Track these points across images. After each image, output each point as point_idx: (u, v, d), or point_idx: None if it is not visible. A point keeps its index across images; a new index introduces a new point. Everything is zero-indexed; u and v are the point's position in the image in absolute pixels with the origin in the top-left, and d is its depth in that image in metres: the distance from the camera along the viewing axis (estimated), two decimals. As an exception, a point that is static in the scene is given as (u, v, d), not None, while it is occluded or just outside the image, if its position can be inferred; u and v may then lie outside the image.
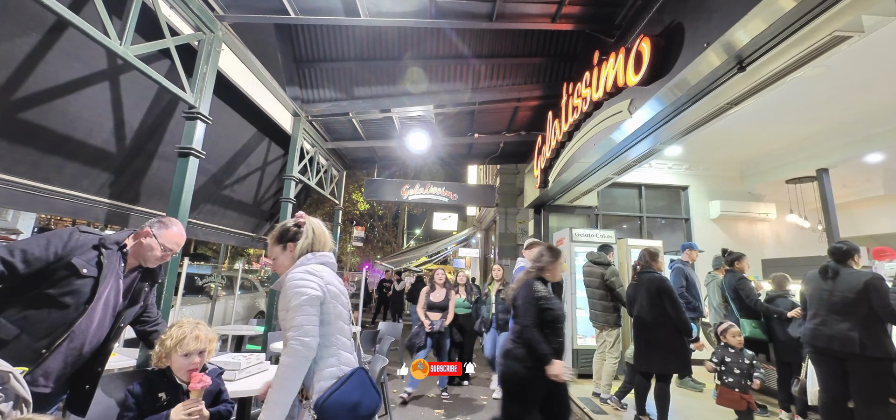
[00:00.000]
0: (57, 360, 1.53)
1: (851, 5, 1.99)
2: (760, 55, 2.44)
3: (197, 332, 1.64)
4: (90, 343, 1.63)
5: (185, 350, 1.61)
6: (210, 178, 4.56)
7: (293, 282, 1.45)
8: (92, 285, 1.57)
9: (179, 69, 2.94)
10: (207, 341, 1.68)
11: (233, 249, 21.34)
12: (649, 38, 2.99)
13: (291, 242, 1.59)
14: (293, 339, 1.35)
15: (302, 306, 1.40)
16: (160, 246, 1.79)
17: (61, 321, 1.51)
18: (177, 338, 1.61)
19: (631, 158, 4.56)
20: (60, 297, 1.50)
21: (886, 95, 4.44)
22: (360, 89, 5.28)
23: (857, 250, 2.95)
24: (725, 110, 3.27)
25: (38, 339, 1.47)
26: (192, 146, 3.04)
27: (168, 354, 1.62)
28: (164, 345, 1.61)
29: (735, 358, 3.16)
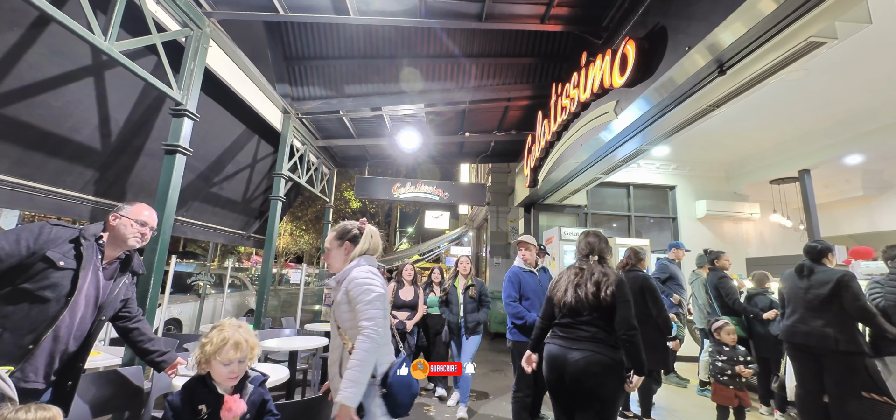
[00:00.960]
0: (43, 356, 1.53)
1: (825, 12, 2.05)
2: (740, 59, 2.50)
3: (237, 337, 1.49)
4: (74, 338, 1.63)
5: (224, 358, 1.47)
6: (198, 176, 4.53)
7: (363, 279, 1.65)
8: (71, 277, 1.57)
9: (166, 66, 2.92)
10: (249, 349, 1.52)
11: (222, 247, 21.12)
12: (634, 40, 3.05)
13: (350, 243, 1.78)
14: (370, 328, 1.57)
15: (374, 301, 1.61)
16: (132, 221, 1.77)
17: (43, 316, 1.51)
18: (216, 344, 1.47)
19: (618, 158, 4.63)
20: (39, 291, 1.50)
21: (863, 98, 4.57)
22: (350, 87, 5.28)
23: (831, 249, 3.05)
24: (708, 112, 3.34)
25: (23, 335, 1.47)
26: (179, 143, 3.02)
27: (208, 360, 1.48)
28: (204, 350, 1.48)
29: (730, 355, 3.19)
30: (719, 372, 3.17)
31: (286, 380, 2.52)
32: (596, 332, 2.01)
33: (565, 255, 5.58)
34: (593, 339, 2.00)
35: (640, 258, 3.62)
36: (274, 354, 4.08)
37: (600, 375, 1.93)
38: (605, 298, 2.01)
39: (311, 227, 21.73)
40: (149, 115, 3.57)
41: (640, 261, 3.61)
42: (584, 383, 1.95)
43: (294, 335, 4.27)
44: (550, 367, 2.11)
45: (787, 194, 7.02)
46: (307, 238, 22.97)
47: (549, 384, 2.15)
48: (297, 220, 21.73)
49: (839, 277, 2.80)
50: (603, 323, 2.02)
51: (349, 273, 1.68)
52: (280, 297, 11.65)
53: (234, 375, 1.48)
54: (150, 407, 2.41)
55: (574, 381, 1.97)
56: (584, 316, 2.05)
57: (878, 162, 6.23)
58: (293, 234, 23.60)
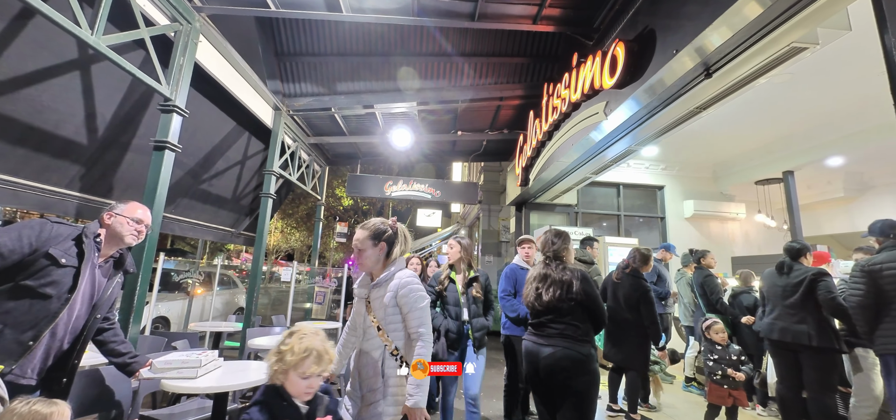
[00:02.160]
0: (40, 353, 1.53)
1: (807, 18, 2.11)
2: (726, 62, 2.56)
3: (319, 348, 1.38)
4: (69, 335, 1.63)
5: (304, 371, 1.34)
6: (187, 173, 4.48)
7: (417, 287, 1.73)
8: (73, 275, 1.58)
9: (155, 61, 2.89)
10: (328, 362, 1.42)
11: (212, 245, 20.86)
12: (624, 43, 3.09)
13: (385, 243, 1.78)
14: (426, 334, 1.67)
15: (426, 309, 1.72)
16: (128, 219, 1.77)
17: (44, 312, 1.51)
18: (298, 354, 1.34)
19: (608, 158, 4.70)
20: (40, 287, 1.50)
21: (844, 102, 4.70)
22: (342, 84, 5.25)
23: (809, 249, 3.15)
24: (696, 114, 3.41)
25: (23, 331, 1.47)
26: (168, 140, 2.99)
27: (285, 371, 1.34)
28: (283, 359, 1.34)
29: (722, 354, 3.19)
30: (711, 371, 3.15)
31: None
32: (564, 329, 2.08)
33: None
34: (562, 335, 2.07)
35: (646, 261, 3.46)
36: (264, 352, 4.06)
37: (570, 370, 2.01)
38: (568, 300, 2.10)
39: (302, 224, 21.57)
40: (137, 111, 3.51)
41: (646, 264, 3.46)
42: (556, 378, 2.04)
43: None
44: (527, 362, 2.22)
45: (771, 195, 7.19)
46: (298, 235, 22.80)
47: (527, 378, 2.24)
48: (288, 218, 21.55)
49: (812, 275, 2.89)
50: (570, 319, 2.09)
51: (401, 278, 1.73)
52: (270, 295, 11.56)
53: (311, 390, 1.37)
54: (137, 405, 2.39)
55: (547, 376, 2.07)
56: (551, 314, 2.12)
57: (858, 164, 6.41)
58: (284, 232, 23.40)
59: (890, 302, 2.46)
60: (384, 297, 1.72)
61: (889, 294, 2.46)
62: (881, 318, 2.50)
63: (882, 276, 2.49)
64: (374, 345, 1.72)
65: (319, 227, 7.40)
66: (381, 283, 1.74)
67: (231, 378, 2.33)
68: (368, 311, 1.76)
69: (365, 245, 1.76)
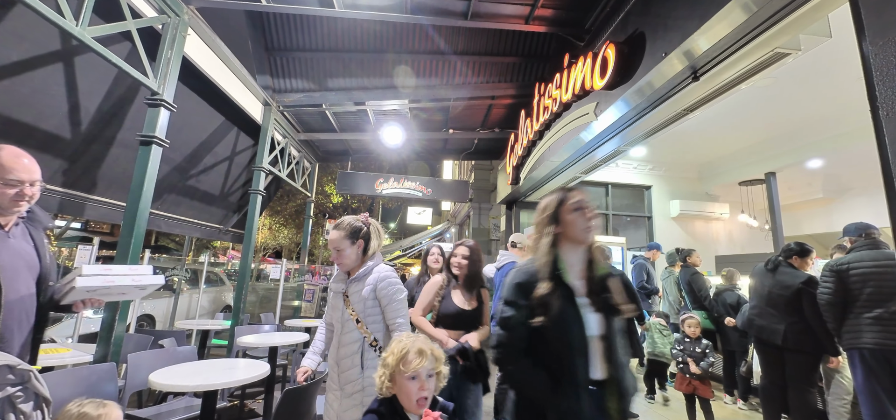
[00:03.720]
0: (17, 346, 1.44)
1: (790, 25, 2.18)
2: (712, 66, 2.62)
3: (419, 345, 1.30)
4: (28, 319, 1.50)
5: (410, 369, 1.26)
6: (174, 168, 4.40)
7: (394, 279, 1.88)
8: None
9: (141, 53, 2.83)
10: (434, 360, 1.31)
11: (198, 241, 20.49)
12: (614, 44, 3.14)
13: (363, 240, 1.87)
14: (404, 324, 1.83)
15: (404, 300, 1.87)
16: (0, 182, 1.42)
17: None
18: (397, 352, 1.28)
19: (598, 158, 4.76)
20: None
21: (824, 107, 4.85)
22: (333, 81, 5.22)
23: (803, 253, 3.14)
24: (683, 116, 3.47)
25: None
26: (155, 134, 2.94)
27: (392, 377, 1.27)
28: (385, 363, 1.29)
29: (688, 346, 3.39)
30: (676, 361, 3.42)
31: (267, 376, 2.50)
32: None
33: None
34: None
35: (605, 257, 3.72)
36: (253, 350, 4.03)
37: None
38: None
39: (291, 221, 21.33)
40: (122, 105, 3.44)
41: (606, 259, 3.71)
42: None
43: (274, 331, 4.23)
44: None
45: (754, 196, 7.38)
46: (286, 233, 22.54)
47: None
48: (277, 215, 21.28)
49: (801, 285, 2.95)
50: None
51: (380, 272, 1.86)
52: (258, 293, 11.41)
53: (423, 392, 1.26)
54: (123, 404, 2.36)
55: None
56: None
57: (837, 166, 6.62)
58: (272, 229, 23.10)
59: (855, 299, 2.58)
60: (363, 290, 1.82)
61: (854, 292, 2.58)
62: (847, 315, 2.62)
63: (849, 275, 2.61)
64: (352, 338, 1.80)
65: (309, 225, 7.34)
66: (360, 278, 1.84)
67: (219, 376, 2.31)
68: (347, 304, 1.84)
69: (343, 245, 1.83)
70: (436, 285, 2.39)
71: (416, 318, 2.31)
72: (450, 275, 2.43)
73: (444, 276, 2.41)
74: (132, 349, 2.95)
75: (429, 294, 2.38)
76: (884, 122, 1.40)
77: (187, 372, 2.33)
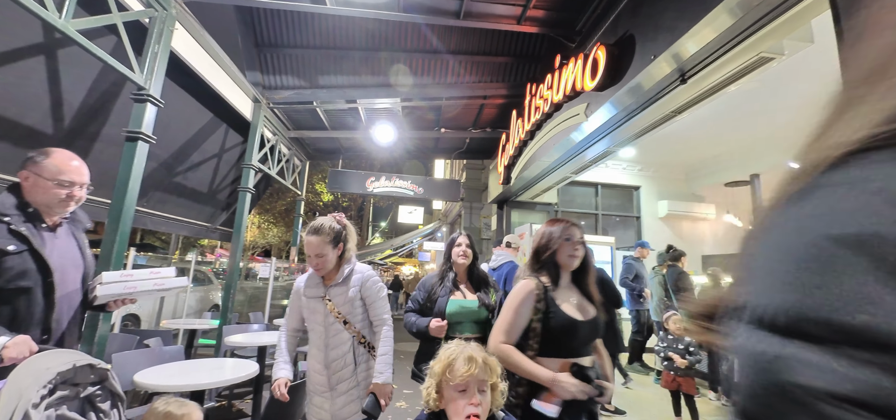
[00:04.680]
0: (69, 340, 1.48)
1: (775, 30, 2.24)
2: (700, 69, 2.68)
3: (467, 352, 1.15)
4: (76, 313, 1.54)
5: (459, 380, 1.10)
6: (160, 165, 4.32)
7: (377, 278, 1.95)
8: (31, 253, 1.40)
9: (127, 47, 2.78)
10: (487, 370, 1.15)
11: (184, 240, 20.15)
12: (605, 46, 3.18)
13: (342, 243, 1.88)
14: (389, 319, 1.90)
15: (386, 298, 1.95)
16: (50, 181, 1.44)
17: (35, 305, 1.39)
18: (444, 360, 1.15)
19: (588, 158, 4.81)
20: (10, 284, 1.35)
21: (806, 111, 4.93)
22: (325, 78, 5.18)
23: None
24: (671, 117, 3.54)
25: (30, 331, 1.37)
26: (142, 130, 2.88)
27: (439, 389, 1.14)
28: (433, 372, 1.17)
29: (671, 344, 3.46)
30: (661, 357, 3.49)
31: (255, 375, 2.48)
32: None
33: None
34: None
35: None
36: (241, 350, 3.99)
37: None
38: None
39: (280, 219, 21.13)
40: (107, 100, 3.37)
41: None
42: None
43: (262, 330, 4.19)
44: None
45: (739, 197, 7.54)
46: (276, 231, 22.31)
47: None
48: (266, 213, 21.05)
49: None
50: None
51: (363, 272, 1.92)
52: (246, 293, 11.28)
53: (475, 408, 1.09)
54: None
55: None
56: None
57: (818, 169, 6.78)
58: (261, 227, 22.84)
59: None
60: (348, 291, 1.85)
61: None
62: None
63: None
64: (341, 339, 1.83)
65: (299, 223, 7.27)
66: (344, 281, 1.87)
67: (207, 376, 2.28)
68: (330, 309, 1.83)
69: (325, 250, 1.80)
70: (526, 295, 1.49)
71: (503, 349, 1.44)
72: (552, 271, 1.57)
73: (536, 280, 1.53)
74: (116, 349, 2.90)
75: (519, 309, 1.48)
76: (862, 126, 1.45)
77: (173, 372, 2.29)
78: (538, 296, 1.47)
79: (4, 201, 1.40)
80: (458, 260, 2.23)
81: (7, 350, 1.22)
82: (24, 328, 1.36)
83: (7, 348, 1.22)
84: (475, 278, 2.26)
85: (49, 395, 1.06)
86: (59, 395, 1.08)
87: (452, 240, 2.29)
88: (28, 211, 1.44)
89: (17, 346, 1.24)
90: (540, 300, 1.47)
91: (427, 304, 2.20)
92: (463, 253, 2.23)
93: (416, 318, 2.15)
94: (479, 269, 2.31)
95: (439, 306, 2.13)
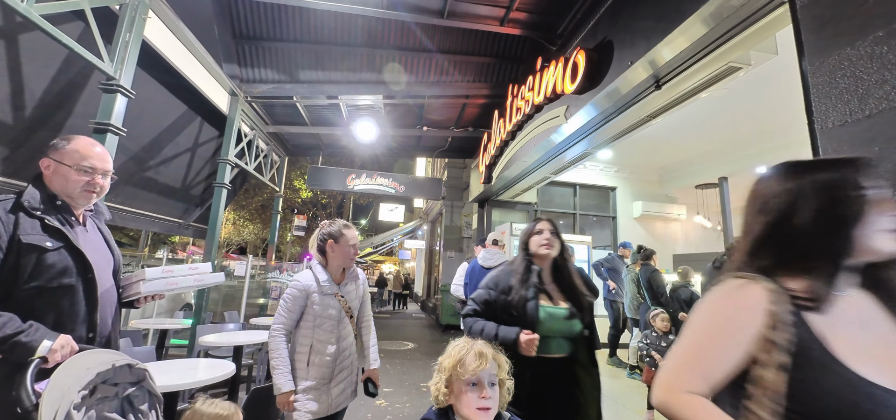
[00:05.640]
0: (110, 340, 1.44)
1: (742, 42, 2.36)
2: (673, 76, 2.80)
3: (477, 347, 1.16)
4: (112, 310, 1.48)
5: (469, 374, 1.10)
6: (130, 158, 4.15)
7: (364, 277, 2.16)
8: (69, 248, 1.33)
9: (96, 35, 2.65)
10: (496, 366, 1.17)
11: (154, 236, 19.37)
12: (585, 51, 3.26)
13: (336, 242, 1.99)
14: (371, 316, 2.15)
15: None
16: (73, 168, 1.37)
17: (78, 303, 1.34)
18: (454, 356, 1.15)
19: (567, 159, 4.93)
20: (52, 282, 1.28)
21: (770, 118, 5.26)
22: (305, 73, 5.08)
23: None
24: (646, 121, 3.67)
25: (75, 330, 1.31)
26: (111, 122, 2.77)
27: (448, 383, 1.14)
28: (442, 368, 1.17)
29: (655, 341, 3.54)
30: (643, 354, 3.57)
31: (231, 376, 2.42)
32: None
33: (515, 250, 5.85)
34: None
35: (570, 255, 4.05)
36: (216, 350, 3.88)
37: None
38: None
39: (256, 216, 20.58)
40: (73, 89, 3.20)
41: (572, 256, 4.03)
42: None
43: (238, 330, 4.09)
44: None
45: (708, 198, 7.88)
46: (251, 228, 21.73)
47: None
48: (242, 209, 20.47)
49: None
50: None
51: (359, 272, 2.10)
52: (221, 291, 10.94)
53: (485, 402, 1.10)
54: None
55: None
56: None
57: (781, 173, 7.17)
58: (236, 224, 22.20)
59: None
60: (359, 289, 2.09)
61: None
62: None
63: None
64: (347, 331, 2.00)
65: (277, 220, 7.12)
66: (351, 278, 2.06)
67: (181, 377, 2.22)
68: (343, 305, 1.99)
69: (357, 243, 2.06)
70: (753, 309, 0.73)
71: (686, 404, 0.71)
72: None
73: (767, 289, 0.74)
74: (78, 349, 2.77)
75: (725, 333, 0.75)
76: (818, 133, 1.55)
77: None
78: (782, 317, 0.70)
79: (33, 195, 1.33)
80: (539, 251, 1.72)
81: (54, 354, 1.19)
82: (69, 328, 1.30)
83: (54, 352, 1.19)
84: (565, 277, 1.75)
85: (90, 396, 1.04)
86: (99, 395, 1.06)
87: (531, 228, 1.79)
88: (57, 204, 1.38)
89: (62, 348, 1.21)
90: (785, 326, 0.70)
91: (499, 307, 1.68)
92: (546, 241, 1.71)
93: (489, 326, 1.62)
94: (571, 264, 1.80)
95: (529, 312, 1.60)
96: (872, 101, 1.37)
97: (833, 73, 1.50)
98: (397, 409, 3.92)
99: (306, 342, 1.92)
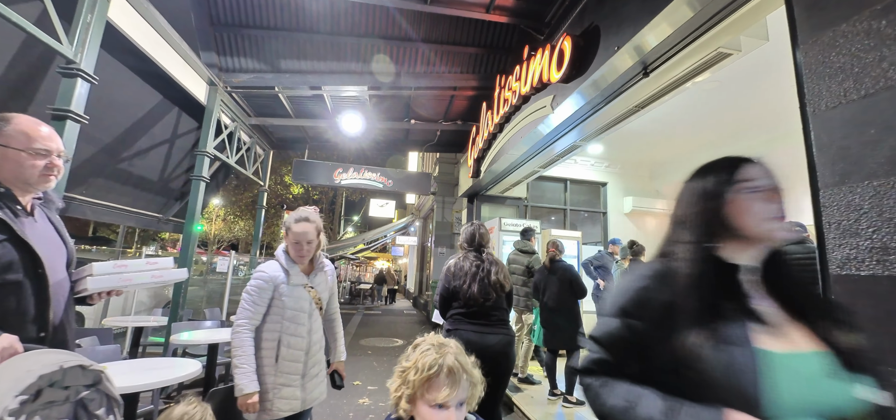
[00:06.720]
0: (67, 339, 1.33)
1: (731, 26, 2.27)
2: (661, 63, 2.69)
3: (450, 362, 0.99)
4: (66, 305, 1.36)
5: (436, 396, 0.96)
6: (101, 149, 3.98)
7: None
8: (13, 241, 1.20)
9: (52, 15, 2.49)
10: (469, 385, 1.02)
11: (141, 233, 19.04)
12: (570, 37, 3.16)
13: (320, 233, 1.96)
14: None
15: None
16: (25, 151, 1.24)
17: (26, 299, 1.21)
18: (423, 369, 0.98)
19: (556, 152, 4.83)
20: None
21: (760, 112, 5.20)
22: (287, 62, 4.93)
23: None
24: (635, 112, 3.57)
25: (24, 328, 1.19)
26: (71, 108, 2.61)
27: (412, 398, 0.99)
28: (406, 378, 1.00)
29: None
30: None
31: (200, 376, 2.30)
32: (502, 314, 2.36)
33: (504, 246, 5.75)
34: (502, 322, 2.36)
35: (561, 250, 4.11)
36: (194, 349, 3.75)
37: (512, 350, 2.32)
38: (505, 285, 2.37)
39: (247, 212, 20.34)
40: (34, 74, 3.04)
41: (562, 252, 4.11)
42: (502, 363, 2.24)
43: (216, 327, 3.95)
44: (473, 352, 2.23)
45: (699, 193, 7.84)
46: (242, 224, 21.48)
47: None
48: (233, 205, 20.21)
49: None
50: (504, 305, 2.40)
51: (327, 262, 2.04)
52: (208, 287, 10.75)
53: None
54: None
55: (494, 363, 2.12)
56: (491, 303, 2.32)
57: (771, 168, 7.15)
58: (227, 221, 21.93)
59: None
60: (328, 279, 2.03)
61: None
62: None
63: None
64: (318, 325, 1.96)
65: (262, 215, 6.97)
66: (320, 269, 1.99)
67: (139, 377, 2.10)
68: (313, 296, 1.93)
69: (314, 237, 1.91)
70: None
71: None
72: None
73: None
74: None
75: None
76: (810, 118, 1.46)
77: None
78: None
79: None
80: (759, 230, 0.80)
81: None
82: (17, 328, 1.17)
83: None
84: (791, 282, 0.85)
85: (32, 401, 0.94)
86: (45, 399, 0.96)
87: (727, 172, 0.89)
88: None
89: (3, 351, 1.08)
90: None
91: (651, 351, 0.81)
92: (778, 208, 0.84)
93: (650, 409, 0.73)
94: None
95: (739, 368, 0.69)
96: (868, 80, 1.27)
97: (827, 51, 1.41)
98: (381, 407, 3.82)
99: (273, 337, 1.82)
